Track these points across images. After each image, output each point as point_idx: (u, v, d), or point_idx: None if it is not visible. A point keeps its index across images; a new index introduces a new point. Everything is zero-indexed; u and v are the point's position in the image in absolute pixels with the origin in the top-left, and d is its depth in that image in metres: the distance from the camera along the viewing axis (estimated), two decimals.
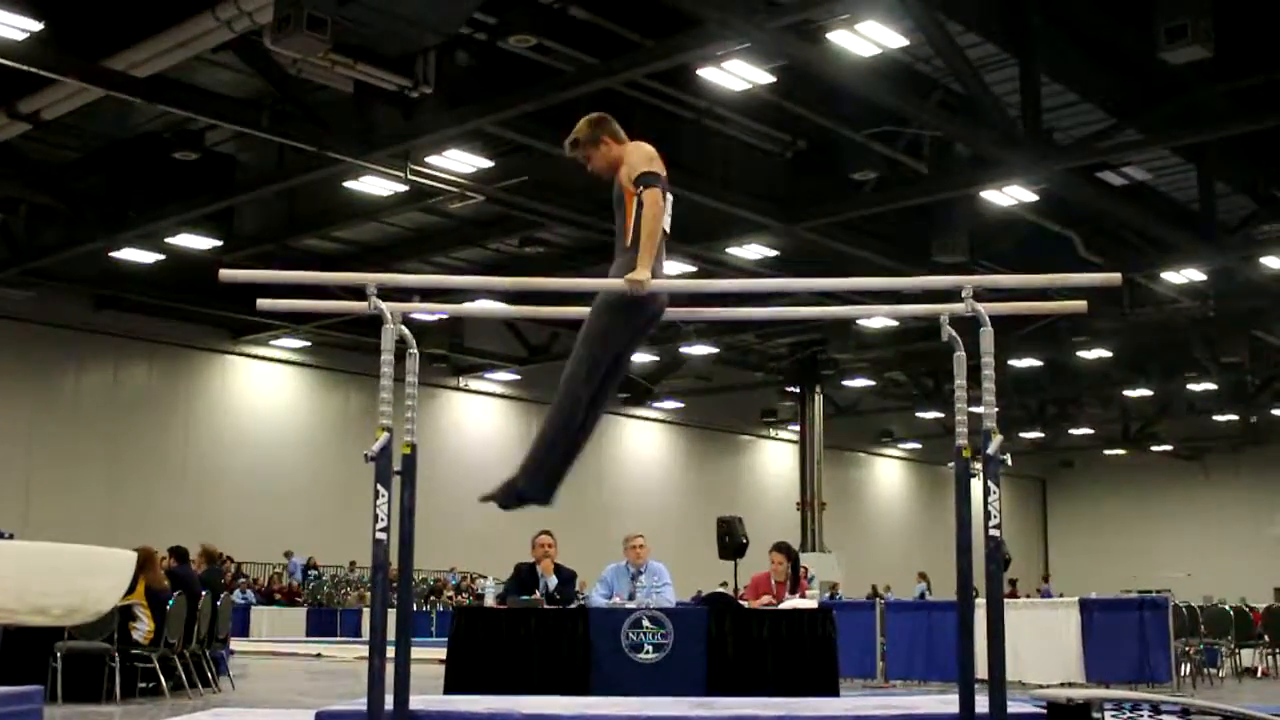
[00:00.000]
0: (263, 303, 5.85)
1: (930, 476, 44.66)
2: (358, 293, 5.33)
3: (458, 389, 33.41)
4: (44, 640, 9.14)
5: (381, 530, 5.06)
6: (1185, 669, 13.15)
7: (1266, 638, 15.27)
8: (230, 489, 28.38)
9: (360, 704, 5.34)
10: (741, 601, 10.83)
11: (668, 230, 5.63)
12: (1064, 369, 33.34)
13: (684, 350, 30.73)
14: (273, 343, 29.91)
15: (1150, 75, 15.93)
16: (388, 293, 5.35)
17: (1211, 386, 33.67)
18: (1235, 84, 15.93)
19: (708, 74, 15.13)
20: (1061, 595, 21.49)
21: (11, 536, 17.46)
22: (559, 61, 15.16)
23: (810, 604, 10.21)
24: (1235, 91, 16.14)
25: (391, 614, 5.32)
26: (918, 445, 43.80)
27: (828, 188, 19.16)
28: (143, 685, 10.01)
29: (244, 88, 16.66)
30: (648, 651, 9.25)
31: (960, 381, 5.38)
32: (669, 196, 5.64)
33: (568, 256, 22.93)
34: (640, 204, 5.47)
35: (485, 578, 13.53)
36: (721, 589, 17.32)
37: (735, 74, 15.04)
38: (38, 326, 25.81)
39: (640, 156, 5.62)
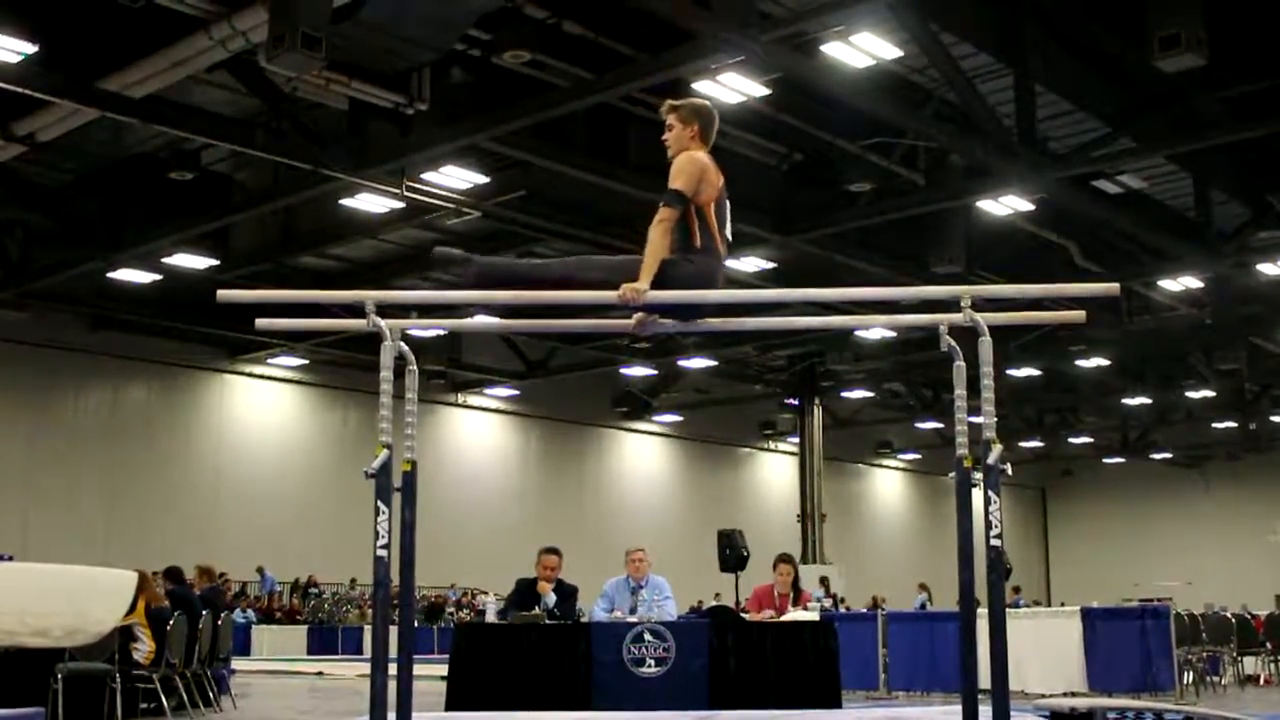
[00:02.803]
0: (261, 323, 5.83)
1: (930, 487, 44.65)
2: (356, 310, 5.33)
3: (456, 405, 33.39)
4: (45, 662, 9.11)
5: (382, 547, 5.05)
6: (1188, 677, 13.12)
7: (1268, 645, 15.25)
8: (229, 508, 28.35)
9: None
10: (743, 614, 10.81)
11: (729, 238, 5.75)
12: (1062, 378, 33.38)
13: (682, 363, 30.73)
14: (270, 361, 29.90)
15: (1145, 84, 15.96)
16: (386, 309, 5.35)
17: (1210, 394, 33.71)
18: (1230, 92, 15.96)
19: (702, 87, 15.12)
20: (1063, 604, 21.45)
21: (11, 558, 17.44)
22: (554, 76, 15.17)
23: (812, 616, 10.20)
24: (1230, 99, 16.17)
25: (393, 631, 5.31)
26: (917, 456, 43.81)
27: (824, 199, 19.18)
28: (144, 706, 9.98)
29: (239, 107, 16.67)
30: (649, 666, 9.24)
31: (960, 391, 5.37)
32: (723, 206, 5.74)
33: None
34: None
35: (486, 594, 13.51)
36: (715, 601, 17.30)
37: (730, 87, 15.03)
38: (35, 348, 25.78)
39: (678, 168, 5.62)
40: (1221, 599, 25.96)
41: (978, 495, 5.14)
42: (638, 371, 31.83)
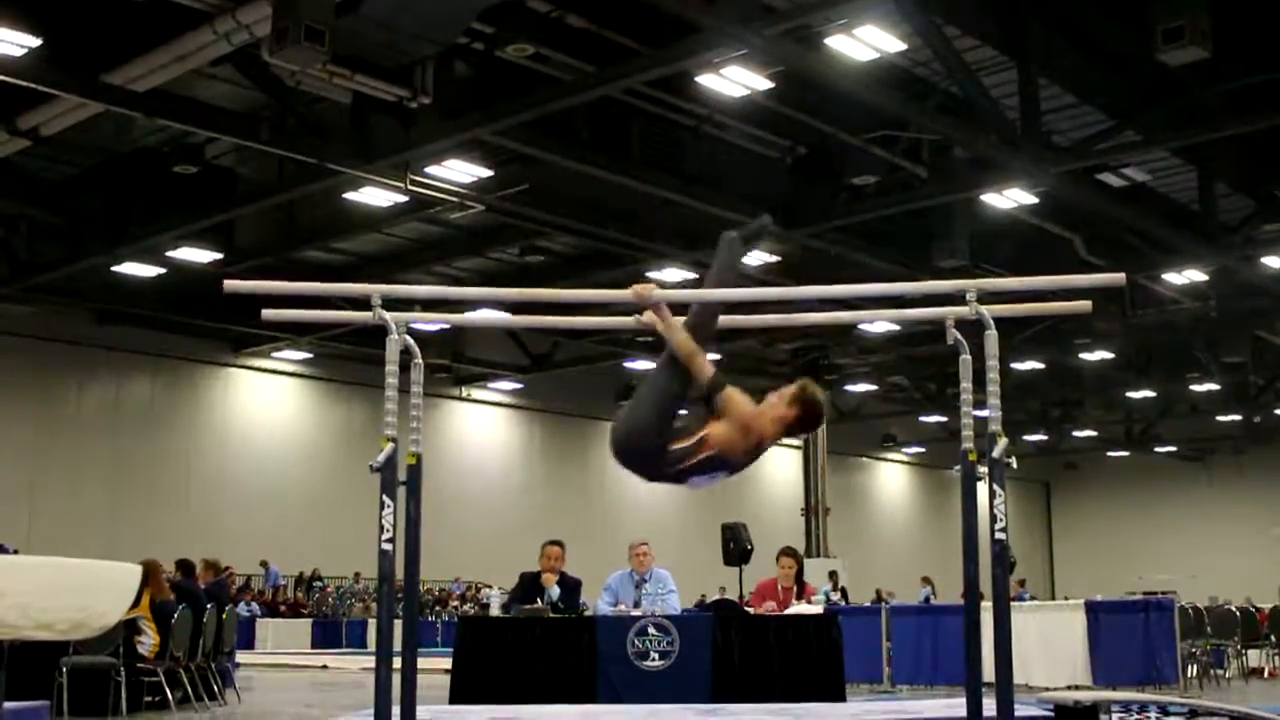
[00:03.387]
0: (267, 313, 5.83)
1: (934, 480, 44.62)
2: (360, 304, 5.33)
3: (460, 399, 33.40)
4: (49, 655, 9.13)
5: (387, 541, 5.06)
6: (1191, 670, 13.14)
7: (1273, 638, 15.27)
8: (234, 502, 28.38)
9: (367, 715, 5.34)
10: (747, 608, 10.82)
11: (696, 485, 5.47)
12: (1066, 371, 33.34)
13: None
14: (275, 355, 29.90)
15: (1149, 77, 15.93)
16: (391, 303, 5.35)
17: (1214, 387, 33.66)
18: (1234, 84, 15.93)
19: (706, 80, 15.13)
20: (1067, 598, 21.45)
21: (15, 551, 17.47)
22: (557, 70, 15.17)
23: (816, 610, 10.20)
24: (1234, 92, 16.14)
25: (398, 625, 5.31)
26: (921, 449, 43.73)
27: (827, 193, 19.14)
28: (149, 699, 10.01)
29: (243, 101, 16.66)
30: (654, 659, 9.25)
31: (965, 385, 5.37)
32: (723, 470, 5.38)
33: (569, 264, 22.95)
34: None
35: (490, 587, 13.51)
36: (720, 595, 17.32)
37: (734, 80, 15.02)
38: (40, 342, 25.81)
39: (743, 405, 5.32)
40: (1225, 592, 26.02)
41: (982, 489, 5.14)
42: (641, 365, 31.79)
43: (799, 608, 10.20)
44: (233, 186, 19.41)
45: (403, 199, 18.67)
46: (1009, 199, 18.81)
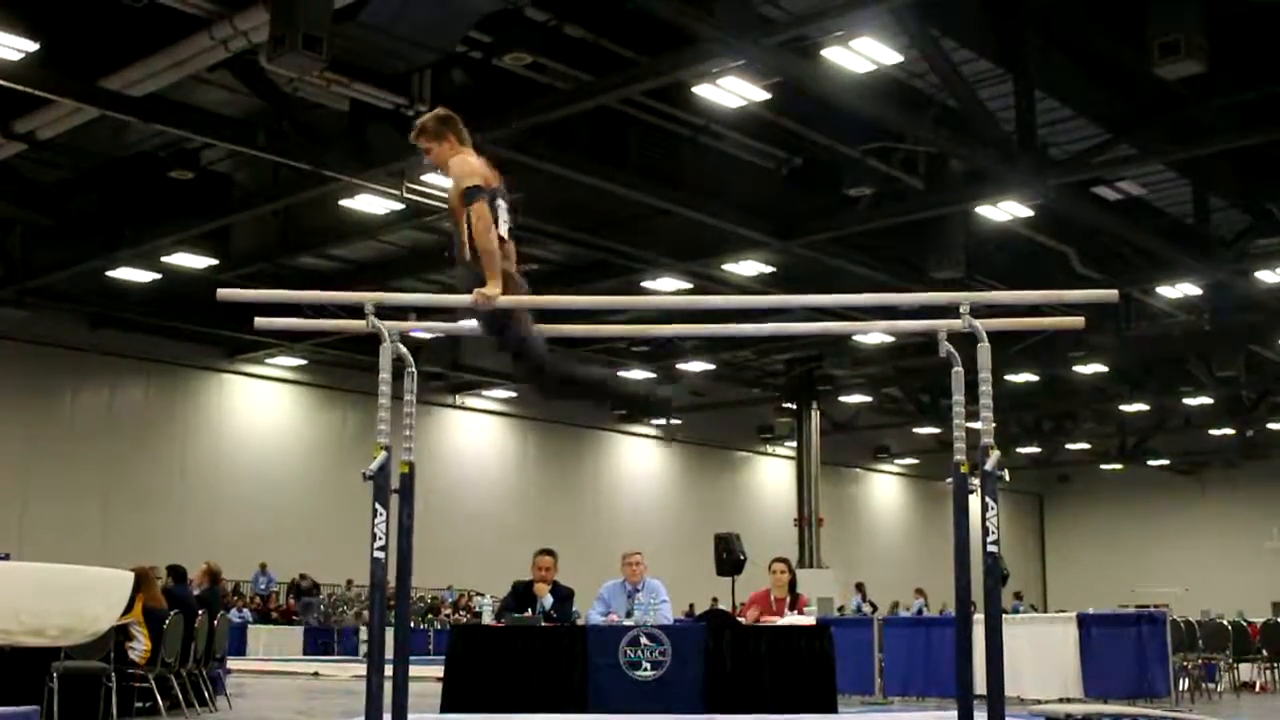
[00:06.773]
0: (260, 321, 5.84)
1: (927, 492, 44.63)
2: (355, 311, 5.33)
3: (455, 406, 33.37)
4: (40, 661, 9.10)
5: (379, 549, 5.06)
6: (1183, 684, 13.14)
7: (1264, 652, 15.27)
8: (227, 508, 28.31)
9: None
10: (739, 618, 10.81)
11: (505, 237, 5.86)
12: (1061, 384, 33.36)
13: (681, 367, 30.71)
14: (269, 361, 29.88)
15: (1145, 90, 15.96)
16: (385, 311, 5.35)
17: (1208, 401, 33.72)
18: (1230, 99, 15.97)
19: (703, 91, 15.14)
20: (1060, 611, 21.43)
21: (8, 557, 17.44)
22: (554, 79, 15.17)
23: (808, 620, 10.19)
24: (1230, 106, 16.18)
25: (389, 632, 5.31)
26: (914, 461, 43.77)
27: (823, 204, 19.17)
28: (139, 705, 9.97)
29: (239, 107, 16.66)
30: (645, 669, 9.24)
31: (958, 397, 5.38)
32: (501, 204, 5.83)
33: (563, 273, 22.94)
34: (470, 220, 5.61)
35: (483, 595, 13.47)
36: (712, 604, 17.30)
37: (730, 91, 15.05)
38: (34, 346, 25.76)
39: (464, 170, 5.65)
40: (1218, 606, 26.03)
41: (975, 501, 5.15)
42: (636, 374, 31.79)
43: (792, 618, 10.20)
44: (228, 192, 19.42)
45: (399, 206, 18.68)
46: (1004, 211, 18.82)
